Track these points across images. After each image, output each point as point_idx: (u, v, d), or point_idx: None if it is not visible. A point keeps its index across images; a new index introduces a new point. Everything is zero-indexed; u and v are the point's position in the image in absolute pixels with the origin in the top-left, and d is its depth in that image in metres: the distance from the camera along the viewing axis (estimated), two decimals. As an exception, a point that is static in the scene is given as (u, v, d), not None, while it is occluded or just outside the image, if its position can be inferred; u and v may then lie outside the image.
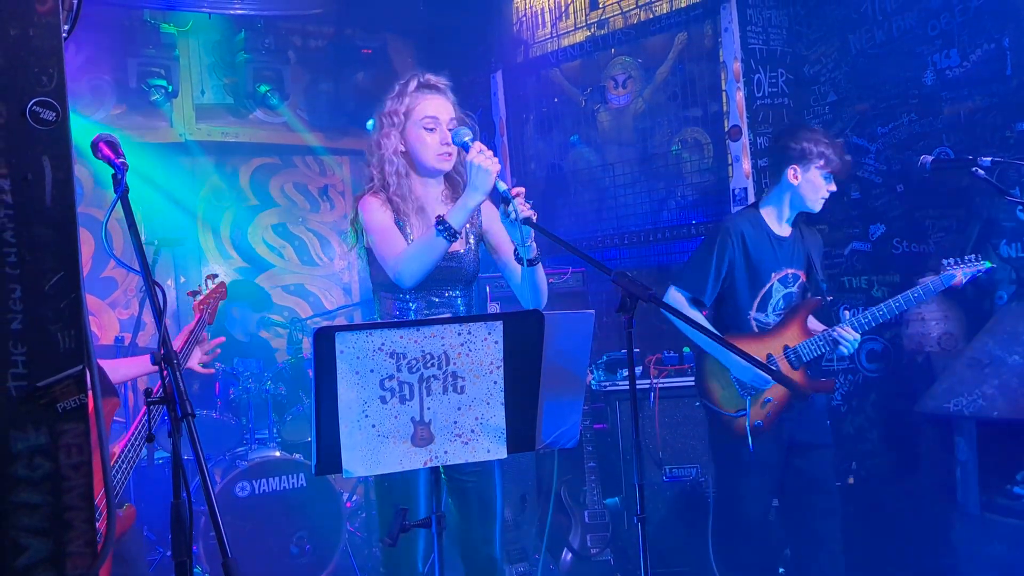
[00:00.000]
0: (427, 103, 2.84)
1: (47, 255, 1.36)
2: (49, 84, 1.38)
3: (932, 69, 4.40)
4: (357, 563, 4.89)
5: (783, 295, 3.53)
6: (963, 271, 3.46)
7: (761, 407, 3.42)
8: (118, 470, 2.58)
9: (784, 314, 3.51)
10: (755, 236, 3.52)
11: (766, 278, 3.52)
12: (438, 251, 2.67)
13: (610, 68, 5.75)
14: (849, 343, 3.39)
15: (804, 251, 3.59)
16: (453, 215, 2.64)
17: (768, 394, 3.42)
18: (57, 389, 1.35)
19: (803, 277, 3.58)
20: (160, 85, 5.87)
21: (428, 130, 2.83)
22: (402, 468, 2.08)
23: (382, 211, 2.82)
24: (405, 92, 2.86)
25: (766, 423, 3.42)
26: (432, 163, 2.85)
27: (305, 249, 7.07)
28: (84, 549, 1.36)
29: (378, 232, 2.79)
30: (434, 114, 2.83)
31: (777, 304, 3.53)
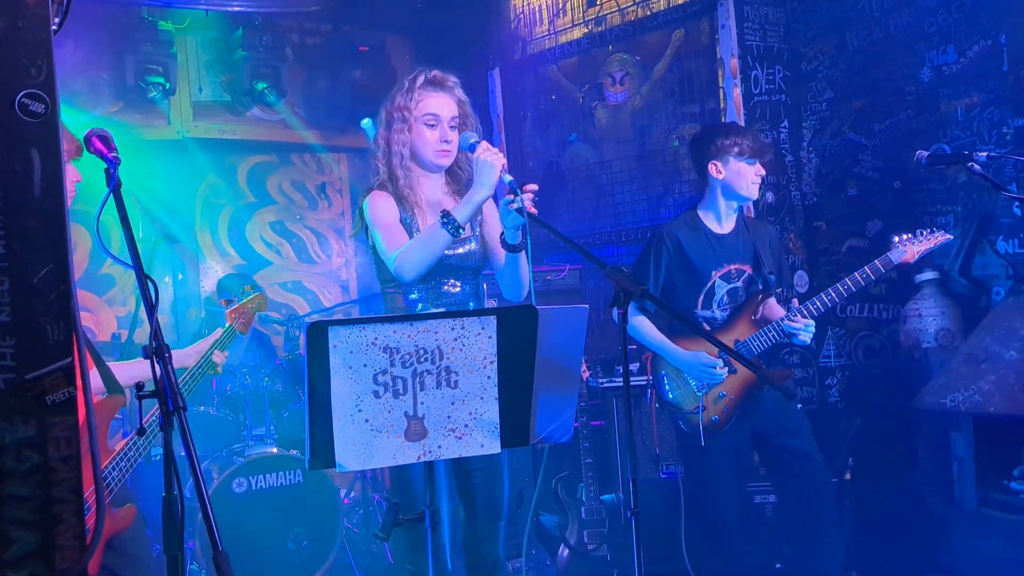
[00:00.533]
0: (430, 100, 2.89)
1: (36, 248, 1.36)
2: (38, 76, 1.37)
3: (929, 66, 4.40)
4: (354, 559, 4.89)
5: (727, 290, 3.62)
6: (915, 247, 3.48)
7: (715, 403, 3.52)
8: (116, 467, 2.58)
9: (732, 310, 3.60)
10: (692, 237, 3.63)
11: (706, 277, 3.61)
12: (441, 244, 2.70)
13: (607, 65, 5.74)
14: (802, 330, 3.42)
15: (750, 245, 3.65)
16: (459, 210, 2.68)
17: (721, 389, 3.52)
18: (46, 382, 1.35)
19: (749, 271, 3.63)
20: (158, 82, 5.85)
21: (429, 126, 2.88)
22: (395, 462, 2.08)
23: (387, 207, 2.86)
24: (413, 87, 2.91)
25: (723, 418, 3.52)
26: (431, 158, 2.90)
27: (303, 246, 7.06)
28: (73, 542, 1.36)
29: (382, 227, 2.82)
30: (435, 111, 2.88)
31: (722, 300, 3.61)
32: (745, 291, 3.63)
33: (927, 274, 4.24)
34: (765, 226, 3.85)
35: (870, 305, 4.74)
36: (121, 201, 1.91)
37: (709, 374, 3.48)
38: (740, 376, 3.50)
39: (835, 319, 4.86)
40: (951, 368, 3.82)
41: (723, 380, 3.49)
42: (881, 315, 4.69)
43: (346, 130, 6.72)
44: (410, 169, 2.91)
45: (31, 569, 1.35)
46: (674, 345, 3.58)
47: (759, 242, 3.65)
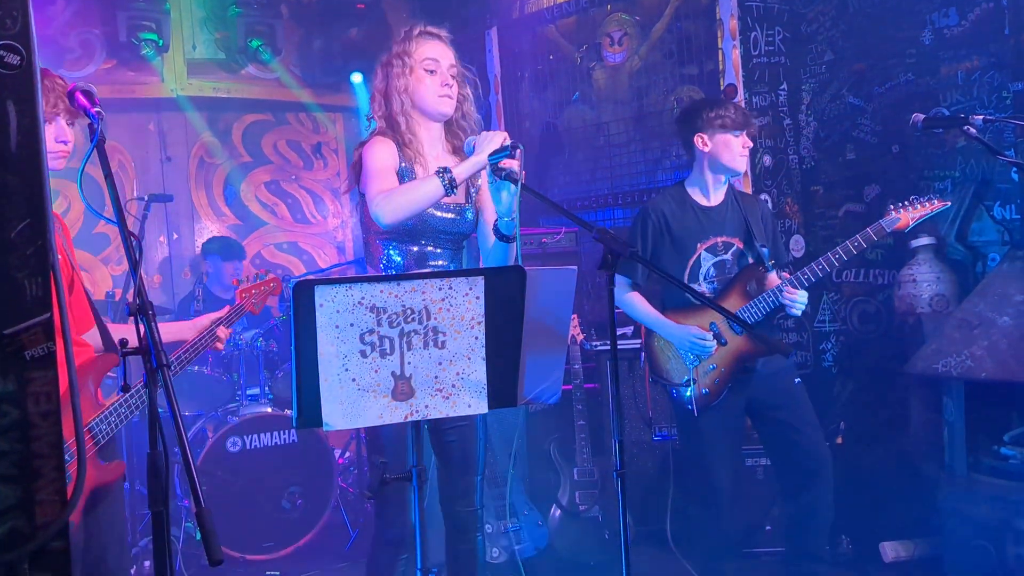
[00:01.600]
0: (428, 46, 2.87)
1: (13, 202, 1.34)
2: (13, 27, 1.35)
3: (930, 28, 4.35)
4: (348, 518, 4.93)
5: (713, 263, 3.59)
6: (910, 214, 3.44)
7: (706, 375, 3.50)
8: (104, 420, 2.58)
9: (721, 283, 3.57)
10: (677, 211, 3.60)
11: (691, 249, 3.58)
12: (430, 196, 2.64)
13: (606, 25, 5.68)
14: (795, 303, 3.40)
15: (740, 219, 3.61)
16: (459, 168, 2.63)
17: (711, 362, 3.50)
18: (24, 337, 1.33)
19: (739, 244, 3.60)
20: (151, 39, 5.79)
21: (429, 72, 2.84)
22: (382, 422, 2.08)
23: (389, 153, 2.80)
24: (410, 36, 2.89)
25: (713, 390, 3.50)
26: (433, 104, 2.85)
27: (298, 207, 7.04)
28: (54, 497, 1.36)
29: (375, 171, 2.76)
30: (434, 56, 2.86)
31: (708, 272, 3.58)
32: (736, 264, 3.59)
33: (923, 239, 4.22)
34: (757, 201, 3.82)
35: (865, 270, 4.73)
36: (105, 156, 1.89)
37: (698, 347, 3.46)
38: (731, 349, 3.48)
39: (830, 284, 4.85)
40: (944, 333, 3.82)
41: (712, 353, 3.48)
42: (876, 280, 4.68)
43: (342, 89, 6.67)
44: (411, 116, 2.86)
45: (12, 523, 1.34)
46: (665, 319, 3.56)
47: (751, 216, 3.61)
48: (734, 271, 3.58)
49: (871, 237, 3.41)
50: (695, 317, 3.52)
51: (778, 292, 3.42)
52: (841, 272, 4.80)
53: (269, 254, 6.89)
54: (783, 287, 3.42)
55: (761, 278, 3.59)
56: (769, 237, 3.66)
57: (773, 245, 3.67)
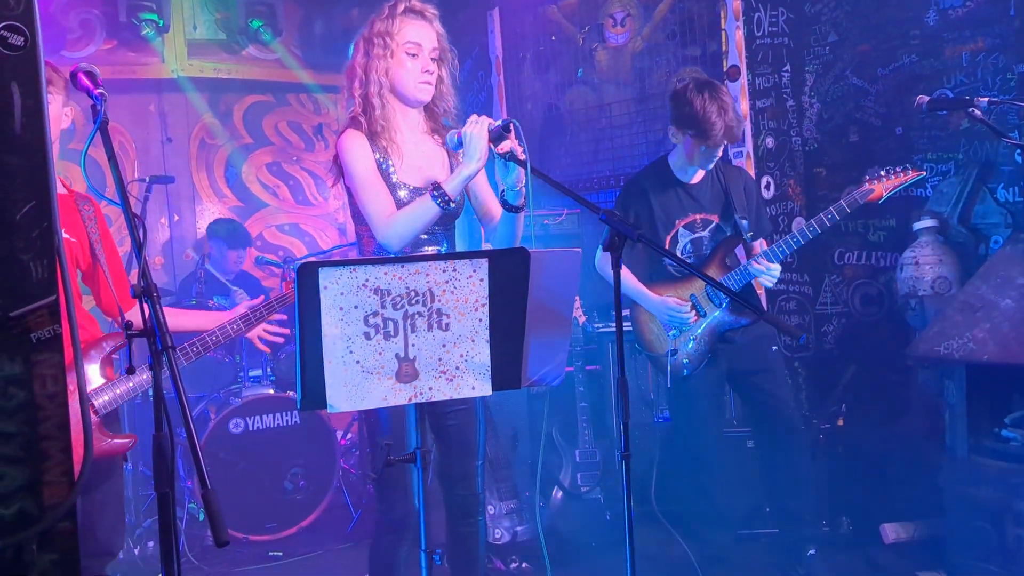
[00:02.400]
0: (411, 27, 2.75)
1: (18, 184, 1.34)
2: (17, 8, 1.34)
3: (935, 9, 4.32)
4: (351, 499, 4.95)
5: (690, 239, 3.64)
6: (884, 185, 3.45)
7: (686, 344, 3.59)
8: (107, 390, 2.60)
9: (699, 258, 3.63)
10: (659, 187, 3.64)
11: (670, 225, 3.64)
12: (430, 218, 2.64)
13: (608, 6, 5.65)
14: (767, 274, 3.47)
15: (720, 193, 3.65)
16: (450, 184, 2.60)
17: (692, 333, 3.60)
18: (30, 319, 1.34)
19: (716, 220, 3.64)
20: (151, 19, 5.77)
21: (410, 55, 2.74)
22: (386, 404, 2.09)
23: (363, 154, 2.73)
24: (393, 15, 2.76)
25: (693, 360, 3.59)
26: (412, 91, 2.77)
27: (300, 188, 7.03)
28: (61, 478, 1.36)
29: (363, 185, 2.71)
30: (417, 40, 2.75)
31: (685, 247, 3.65)
32: (711, 240, 3.65)
33: (926, 222, 4.21)
34: (740, 172, 3.83)
35: (867, 253, 4.72)
36: (108, 138, 1.88)
37: (676, 318, 3.55)
38: (711, 320, 3.59)
39: (832, 266, 4.85)
40: (946, 316, 3.81)
41: (690, 324, 3.57)
42: (879, 263, 4.68)
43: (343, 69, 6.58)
44: (387, 100, 2.77)
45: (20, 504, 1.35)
46: (645, 289, 3.65)
47: (732, 188, 3.65)
48: (710, 248, 3.65)
49: (843, 208, 3.43)
50: (676, 289, 3.62)
51: (752, 264, 3.48)
52: (843, 254, 4.80)
53: (271, 235, 6.89)
54: (757, 258, 3.49)
55: (740, 250, 3.68)
56: (752, 209, 3.69)
57: (756, 217, 3.70)
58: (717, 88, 3.46)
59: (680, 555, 3.90)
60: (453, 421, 2.85)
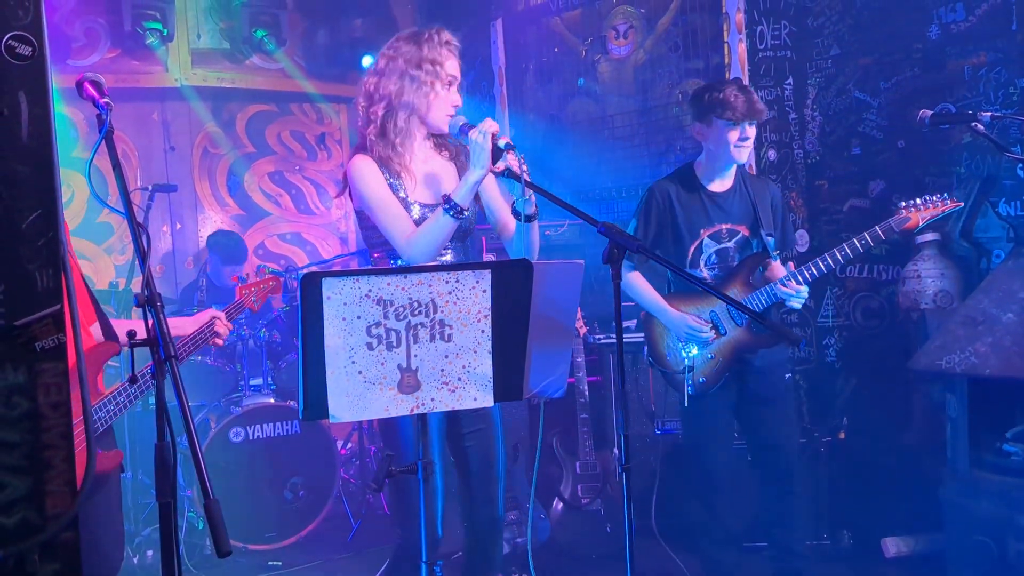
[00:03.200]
0: (451, 61, 2.81)
1: (24, 192, 1.34)
2: (25, 18, 1.35)
3: (937, 23, 4.33)
4: (351, 509, 4.94)
5: (715, 251, 3.53)
6: (920, 214, 3.37)
7: (703, 364, 3.47)
8: (102, 408, 2.59)
9: (723, 271, 3.51)
10: (684, 194, 3.54)
11: (695, 235, 3.52)
12: (447, 231, 2.67)
13: (611, 18, 5.66)
14: (794, 296, 3.37)
15: (748, 205, 3.55)
16: (458, 193, 2.63)
17: (709, 351, 3.46)
18: (35, 328, 1.34)
19: (744, 232, 3.54)
20: (155, 28, 5.78)
21: (447, 87, 2.79)
22: (388, 414, 2.09)
23: (376, 180, 2.75)
24: (440, 43, 2.78)
25: (711, 379, 3.47)
26: (439, 121, 2.81)
27: (302, 198, 7.04)
28: (64, 488, 1.36)
29: (380, 209, 2.74)
30: (454, 73, 2.81)
31: (710, 259, 3.53)
32: (738, 253, 3.54)
33: (928, 235, 4.21)
34: (767, 184, 3.72)
35: (869, 266, 4.72)
36: (113, 147, 1.89)
37: (695, 336, 3.44)
38: (730, 339, 3.45)
39: (834, 279, 4.84)
40: (948, 330, 3.81)
41: (710, 342, 3.45)
42: (880, 276, 4.68)
43: (346, 79, 6.66)
44: (412, 124, 2.79)
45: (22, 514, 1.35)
46: (664, 304, 3.52)
47: (759, 202, 3.54)
48: (736, 259, 3.53)
49: (879, 235, 3.34)
50: (697, 304, 3.49)
51: (779, 284, 3.38)
52: (845, 267, 4.80)
53: (272, 244, 6.89)
54: (785, 280, 3.38)
55: (765, 267, 3.53)
56: (778, 224, 3.59)
57: (781, 233, 3.61)
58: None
59: (679, 570, 3.89)
60: (471, 443, 2.83)
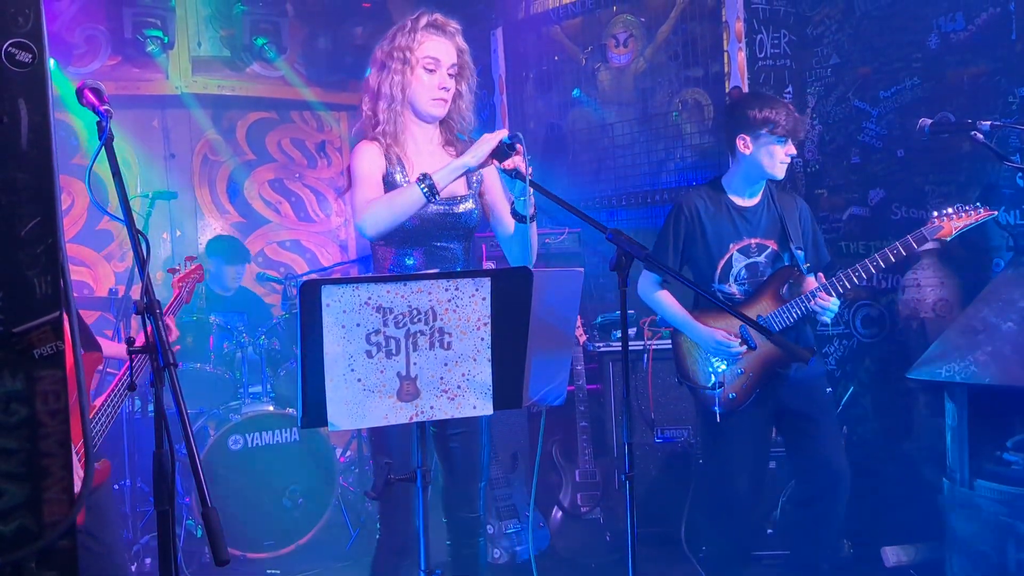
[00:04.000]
0: (431, 42, 2.76)
1: (24, 200, 1.34)
2: (25, 25, 1.35)
3: (937, 33, 4.34)
4: (349, 517, 4.93)
5: (745, 265, 3.48)
6: (953, 223, 3.34)
7: (734, 380, 3.41)
8: (96, 422, 2.58)
9: (753, 285, 3.47)
10: (712, 208, 3.50)
11: (724, 249, 3.48)
12: (412, 205, 2.58)
13: (611, 26, 5.68)
14: (827, 309, 3.32)
15: (776, 220, 3.51)
16: (440, 173, 2.56)
17: (739, 366, 3.41)
18: (34, 335, 1.34)
19: (773, 247, 3.50)
20: (156, 36, 5.79)
21: (428, 71, 2.74)
22: (387, 422, 2.08)
23: (371, 160, 2.73)
24: (416, 28, 2.76)
25: (740, 395, 3.41)
26: (426, 106, 2.77)
27: (302, 205, 7.04)
28: (61, 495, 1.36)
29: (358, 178, 2.71)
30: (435, 55, 2.75)
31: (739, 274, 3.48)
32: (770, 267, 3.49)
33: (927, 244, 4.20)
34: (795, 199, 3.68)
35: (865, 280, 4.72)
36: (113, 154, 1.89)
37: (724, 351, 3.38)
38: (761, 353, 3.38)
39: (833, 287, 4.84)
40: (948, 339, 3.81)
41: (740, 357, 3.39)
42: (880, 284, 4.68)
43: (346, 87, 6.67)
44: (400, 115, 2.76)
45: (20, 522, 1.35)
46: (694, 320, 3.47)
47: (787, 216, 3.51)
48: (767, 273, 3.48)
49: (911, 245, 3.29)
50: (725, 319, 3.43)
51: (810, 297, 3.33)
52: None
53: (272, 252, 6.90)
54: (816, 292, 3.32)
55: (796, 281, 3.47)
56: (808, 239, 3.56)
57: (813, 247, 3.58)
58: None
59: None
60: (457, 444, 2.84)
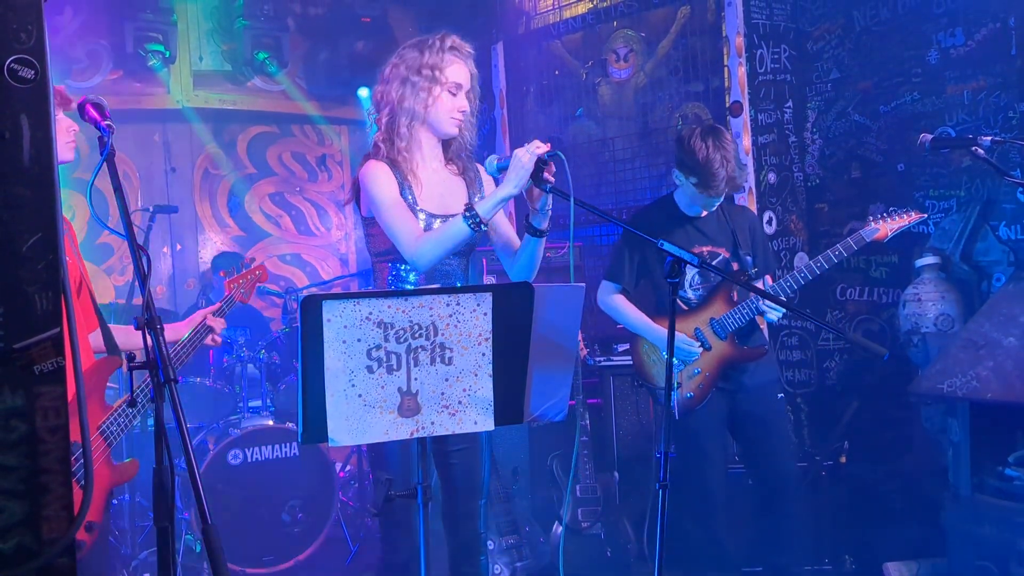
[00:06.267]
0: (455, 67, 2.78)
1: (25, 215, 1.34)
2: (28, 41, 1.35)
3: (936, 48, 4.36)
4: (349, 532, 4.91)
5: (697, 272, 3.60)
6: (888, 225, 3.48)
7: (690, 379, 3.56)
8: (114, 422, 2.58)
9: (708, 290, 3.61)
10: (664, 220, 3.63)
11: None
12: (461, 240, 2.63)
13: (612, 41, 5.69)
14: (773, 308, 3.43)
15: (727, 229, 3.65)
16: (484, 205, 2.58)
17: (696, 365, 3.56)
18: (34, 351, 1.33)
19: (725, 254, 3.63)
20: (158, 50, 5.81)
21: (451, 93, 2.78)
22: (388, 438, 2.07)
23: (389, 181, 2.74)
24: (442, 49, 2.78)
25: (697, 394, 3.56)
26: (444, 125, 2.80)
27: (302, 219, 7.04)
28: (61, 512, 1.35)
29: (388, 208, 2.71)
30: (458, 80, 2.79)
31: (693, 279, 3.63)
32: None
33: (928, 259, 4.21)
34: (745, 212, 3.87)
35: (870, 289, 4.72)
36: (115, 169, 1.89)
37: (684, 352, 3.53)
38: (715, 354, 3.56)
39: (835, 302, 4.84)
40: (949, 353, 3.80)
41: (698, 357, 3.54)
42: (880, 299, 4.68)
43: (347, 101, 6.69)
44: (415, 131, 2.79)
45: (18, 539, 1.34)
46: (652, 323, 3.63)
47: (737, 226, 3.66)
48: (718, 279, 3.61)
49: (851, 246, 3.44)
50: (682, 321, 3.57)
51: (758, 299, 3.46)
52: (845, 290, 4.80)
53: (272, 265, 6.88)
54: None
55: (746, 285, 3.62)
56: (758, 246, 3.70)
57: (761, 254, 3.71)
58: (722, 135, 3.46)
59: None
60: (457, 460, 2.82)
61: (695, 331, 3.57)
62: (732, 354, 3.56)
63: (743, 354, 3.58)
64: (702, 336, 3.57)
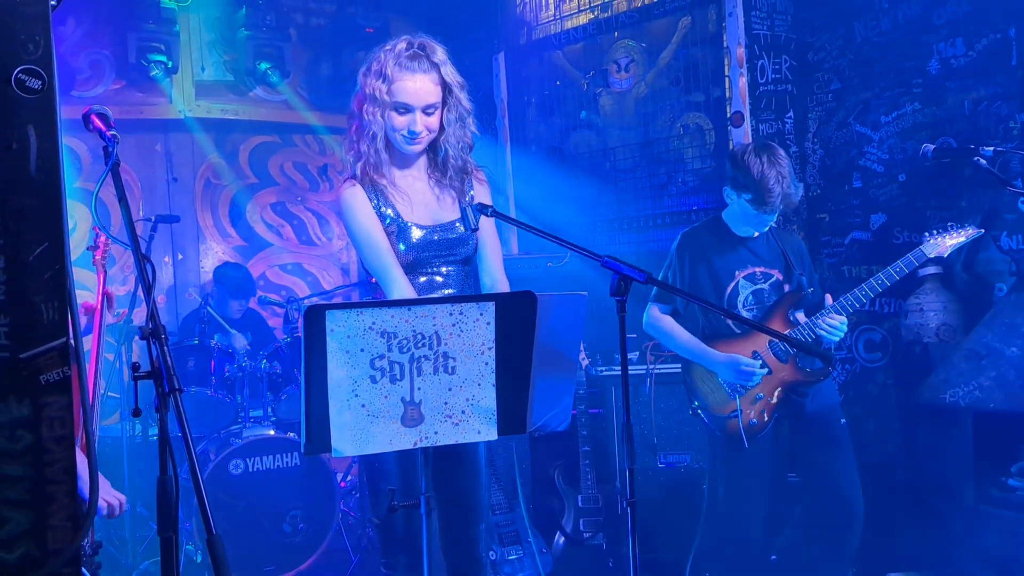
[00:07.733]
0: (401, 85, 2.62)
1: (32, 225, 1.34)
2: (35, 52, 1.35)
3: (937, 58, 4.37)
4: (350, 543, 4.90)
5: (751, 291, 3.52)
6: (946, 240, 3.43)
7: (752, 404, 3.43)
8: None
9: (759, 311, 3.50)
10: (715, 240, 3.57)
11: (729, 277, 3.52)
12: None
13: (613, 51, 5.71)
14: (835, 329, 3.36)
15: (777, 250, 3.59)
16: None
17: (757, 390, 3.43)
18: (40, 361, 1.33)
19: (778, 275, 3.55)
20: (160, 61, 5.83)
21: (399, 113, 2.65)
22: (391, 448, 2.07)
23: (362, 209, 2.67)
24: (389, 63, 2.63)
25: (760, 420, 3.43)
26: (400, 145, 2.70)
27: (304, 228, 7.04)
28: (66, 522, 1.35)
29: (361, 240, 2.67)
30: (405, 101, 2.62)
31: (747, 300, 3.52)
32: (775, 294, 3.53)
33: (930, 268, 4.21)
34: (792, 235, 3.80)
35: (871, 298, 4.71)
36: (119, 179, 1.89)
37: (746, 375, 3.39)
38: (776, 377, 3.43)
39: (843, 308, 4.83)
40: (951, 363, 3.80)
41: (759, 381, 3.42)
42: (883, 309, 4.67)
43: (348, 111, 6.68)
44: (381, 150, 2.69)
45: (24, 549, 1.34)
46: (707, 347, 3.49)
47: (789, 249, 3.59)
48: (772, 300, 3.52)
49: (912, 262, 3.38)
50: (738, 345, 3.46)
51: (819, 319, 3.38)
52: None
53: (274, 275, 6.89)
54: (823, 314, 3.39)
55: (801, 305, 3.54)
56: (806, 268, 3.63)
57: (809, 274, 3.64)
58: (776, 152, 3.37)
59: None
60: (456, 481, 2.74)
61: (753, 354, 3.44)
62: (795, 377, 3.43)
63: (807, 377, 3.44)
64: (761, 359, 3.44)
